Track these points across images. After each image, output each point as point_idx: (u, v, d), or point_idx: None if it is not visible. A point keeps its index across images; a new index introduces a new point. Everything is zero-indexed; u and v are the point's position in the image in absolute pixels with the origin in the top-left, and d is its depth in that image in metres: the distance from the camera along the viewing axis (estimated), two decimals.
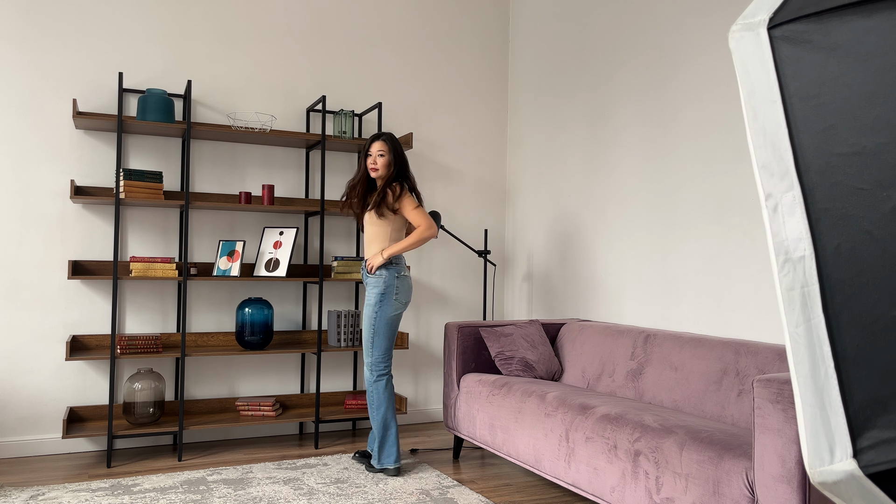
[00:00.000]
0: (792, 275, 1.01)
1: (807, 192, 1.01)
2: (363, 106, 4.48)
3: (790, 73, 1.03)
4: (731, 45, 1.09)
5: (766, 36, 1.05)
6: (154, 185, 3.63)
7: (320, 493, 3.11)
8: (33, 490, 3.10)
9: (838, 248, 0.98)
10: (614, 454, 2.59)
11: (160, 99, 3.69)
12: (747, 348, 2.81)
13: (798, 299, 1.01)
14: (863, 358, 0.96)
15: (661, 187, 3.59)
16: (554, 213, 4.41)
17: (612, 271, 3.91)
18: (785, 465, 1.99)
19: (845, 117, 0.99)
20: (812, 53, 1.02)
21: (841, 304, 0.98)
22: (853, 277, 0.97)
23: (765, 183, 1.05)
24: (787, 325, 1.02)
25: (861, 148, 0.97)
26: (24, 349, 3.68)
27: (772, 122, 1.05)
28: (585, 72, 4.17)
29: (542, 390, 3.13)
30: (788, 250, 1.02)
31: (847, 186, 0.98)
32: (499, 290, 4.89)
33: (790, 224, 1.02)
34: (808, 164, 1.01)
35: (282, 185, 4.24)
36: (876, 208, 0.96)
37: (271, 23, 4.24)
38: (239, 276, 3.82)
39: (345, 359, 4.41)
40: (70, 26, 3.79)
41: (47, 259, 3.73)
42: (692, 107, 3.41)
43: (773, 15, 1.05)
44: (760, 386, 2.07)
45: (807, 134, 1.02)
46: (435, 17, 4.71)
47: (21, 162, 3.69)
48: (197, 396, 4.03)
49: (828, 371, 0.98)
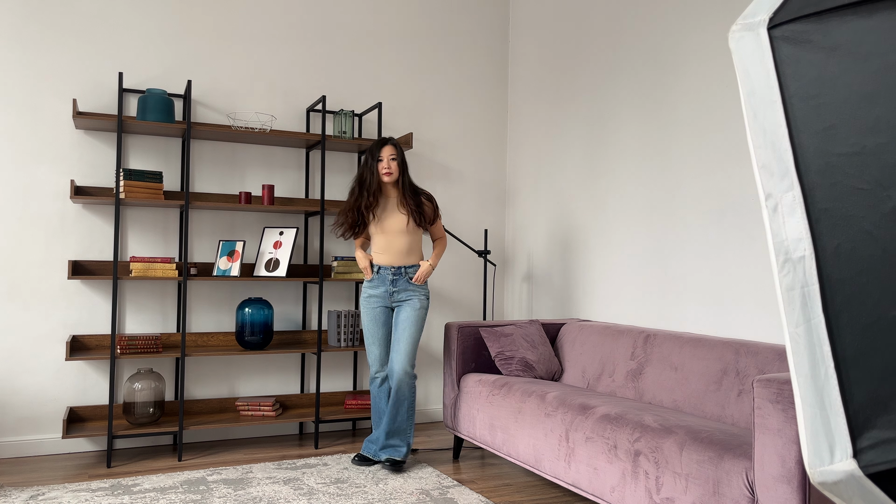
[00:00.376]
0: (792, 275, 1.01)
1: (807, 192, 1.01)
2: (363, 106, 4.48)
3: (790, 73, 1.03)
4: (731, 45, 1.10)
5: (766, 36, 1.05)
6: (154, 185, 3.63)
7: (320, 493, 3.11)
8: (33, 490, 3.10)
9: (838, 248, 0.98)
10: (614, 454, 2.59)
11: (160, 99, 3.69)
12: (747, 348, 2.81)
13: (798, 299, 1.01)
14: (863, 358, 0.96)
15: (660, 187, 3.59)
16: (554, 213, 4.41)
17: (612, 271, 3.91)
18: (785, 465, 1.99)
19: (845, 117, 0.99)
20: (812, 53, 1.02)
21: (841, 304, 0.98)
22: (853, 277, 0.97)
23: (765, 183, 1.05)
24: (787, 325, 1.02)
25: (861, 148, 0.97)
26: (24, 349, 3.68)
27: (772, 122, 1.05)
28: (585, 72, 4.17)
29: (542, 390, 3.13)
30: (788, 250, 1.02)
31: (847, 186, 0.98)
32: (499, 290, 4.89)
33: (790, 224, 1.02)
34: (808, 164, 1.01)
35: (282, 185, 4.24)
36: (876, 208, 0.96)
37: (271, 23, 4.24)
38: (239, 276, 3.82)
39: (345, 359, 4.41)
40: (70, 26, 3.79)
41: (47, 259, 3.73)
42: (692, 107, 3.41)
43: (773, 15, 1.05)
44: (760, 386, 2.07)
45: (807, 134, 1.02)
46: (435, 18, 4.71)
47: (21, 162, 3.69)
48: (197, 396, 4.03)
49: (828, 371, 0.98)
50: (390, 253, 3.47)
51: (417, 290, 3.48)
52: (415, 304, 3.46)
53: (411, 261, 3.50)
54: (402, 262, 3.48)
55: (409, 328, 3.43)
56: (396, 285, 3.47)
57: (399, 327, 3.45)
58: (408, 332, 3.43)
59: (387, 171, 3.41)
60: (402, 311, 3.47)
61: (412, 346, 3.43)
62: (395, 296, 3.48)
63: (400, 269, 3.47)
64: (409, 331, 3.43)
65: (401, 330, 3.45)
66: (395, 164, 3.43)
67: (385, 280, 3.48)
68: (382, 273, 3.48)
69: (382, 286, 3.48)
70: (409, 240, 3.48)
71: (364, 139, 4.14)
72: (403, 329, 3.44)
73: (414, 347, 3.44)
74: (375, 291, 3.50)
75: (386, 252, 3.48)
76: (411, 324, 3.44)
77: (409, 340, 3.43)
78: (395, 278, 3.47)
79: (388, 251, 3.47)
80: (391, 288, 3.47)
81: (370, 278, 3.51)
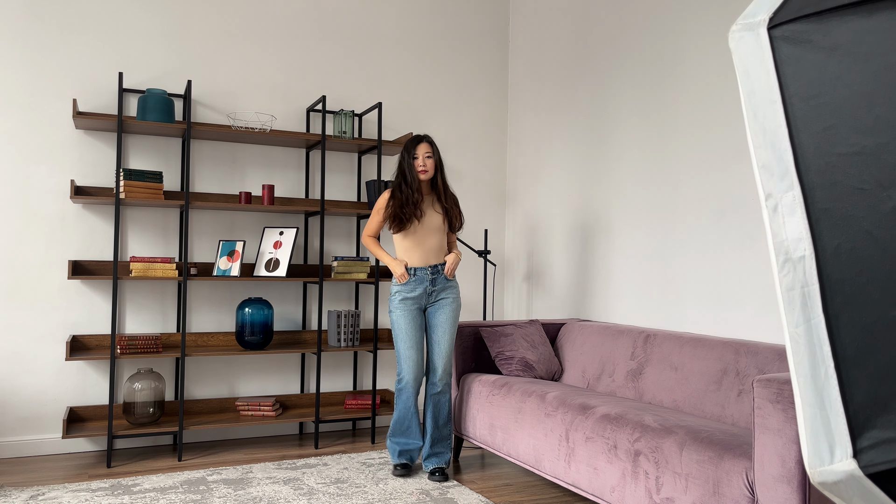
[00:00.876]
0: (792, 275, 1.01)
1: (807, 192, 1.01)
2: (363, 106, 4.48)
3: (790, 73, 1.03)
4: (731, 44, 1.09)
5: (766, 36, 1.05)
6: (154, 185, 3.63)
7: (320, 493, 3.11)
8: (33, 490, 3.10)
9: (838, 248, 0.98)
10: (614, 454, 2.59)
11: (160, 99, 3.69)
12: (747, 348, 2.81)
13: (798, 299, 1.01)
14: (863, 358, 0.96)
15: (661, 187, 3.59)
16: (554, 212, 4.40)
17: (612, 271, 3.91)
18: (785, 465, 1.99)
19: (845, 117, 0.99)
20: (812, 53, 1.02)
21: (841, 304, 0.98)
22: (853, 277, 0.97)
23: (765, 183, 1.05)
24: (787, 325, 1.02)
25: (861, 148, 0.97)
26: (24, 349, 3.68)
27: (772, 121, 1.05)
28: (585, 72, 4.17)
29: (542, 390, 3.13)
30: (788, 250, 1.02)
31: (847, 186, 0.98)
32: (499, 290, 4.89)
33: (790, 224, 1.02)
34: (808, 164, 1.01)
35: (282, 185, 4.24)
36: (876, 208, 0.96)
37: (271, 23, 4.24)
38: (239, 276, 3.82)
39: (345, 359, 4.41)
40: (70, 26, 3.79)
41: (47, 259, 3.73)
42: (692, 107, 3.41)
43: (773, 15, 1.05)
44: (760, 386, 2.07)
45: (807, 134, 1.02)
46: (435, 17, 4.71)
47: (21, 162, 3.69)
48: (197, 396, 4.03)
49: (828, 371, 0.98)
50: (424, 251, 3.40)
51: (454, 288, 3.45)
52: (453, 304, 3.42)
53: (442, 259, 3.45)
54: (437, 261, 3.43)
55: (450, 329, 3.40)
56: (436, 284, 3.40)
57: (439, 329, 3.39)
58: (449, 332, 3.40)
59: (422, 168, 3.36)
60: (441, 312, 3.40)
61: (453, 347, 3.44)
62: (434, 296, 3.41)
63: (436, 267, 3.41)
64: (450, 331, 3.40)
65: (440, 332, 3.39)
66: (430, 161, 3.38)
67: (423, 280, 3.38)
68: (419, 274, 3.37)
69: (420, 287, 3.38)
70: (441, 238, 3.44)
71: (364, 139, 4.14)
72: (444, 330, 3.39)
73: (452, 350, 3.46)
74: (413, 294, 3.37)
75: (418, 251, 3.39)
76: (452, 324, 3.41)
77: (451, 342, 3.41)
78: (434, 277, 3.39)
79: (421, 250, 3.39)
80: (430, 288, 3.39)
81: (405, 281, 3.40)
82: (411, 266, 3.39)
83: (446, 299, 3.42)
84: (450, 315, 3.40)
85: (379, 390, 4.32)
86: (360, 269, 4.09)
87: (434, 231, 3.41)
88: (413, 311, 3.37)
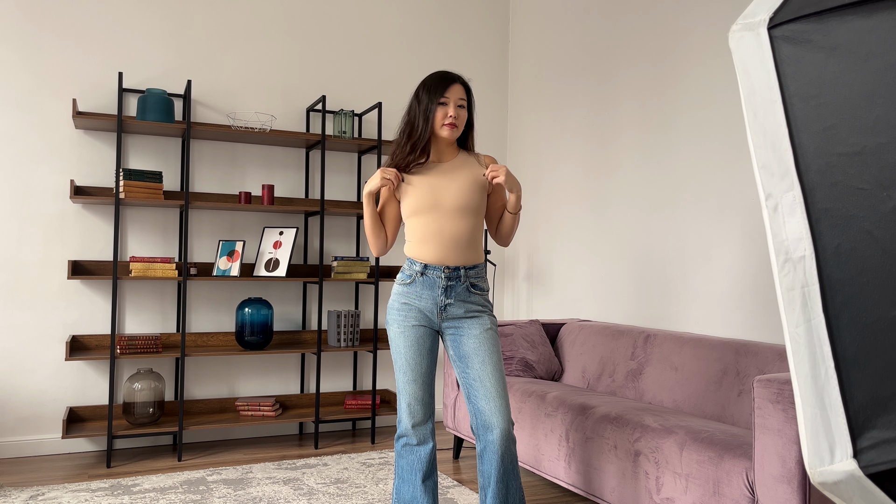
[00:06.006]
0: (792, 275, 1.01)
1: (807, 192, 1.01)
2: (363, 106, 4.48)
3: (790, 73, 1.03)
4: (732, 44, 1.09)
5: (766, 36, 1.05)
6: (154, 185, 3.63)
7: (320, 493, 3.11)
8: (33, 490, 3.10)
9: (838, 248, 0.98)
10: (614, 454, 2.59)
11: (160, 99, 3.69)
12: (747, 348, 2.81)
13: (798, 299, 1.01)
14: (863, 358, 0.96)
15: (661, 187, 3.59)
16: (554, 212, 4.41)
17: (612, 271, 3.91)
18: (785, 465, 1.99)
19: (845, 117, 0.99)
20: (812, 53, 1.02)
21: (841, 304, 0.98)
22: (853, 277, 0.97)
23: (765, 183, 1.05)
24: (788, 325, 1.02)
25: (861, 148, 0.97)
26: (24, 349, 3.68)
27: (772, 121, 1.05)
28: (585, 72, 4.17)
29: (542, 390, 3.13)
30: (788, 250, 1.02)
31: (847, 186, 0.98)
32: (499, 290, 4.89)
33: (790, 224, 1.02)
34: (808, 164, 1.01)
35: (282, 185, 4.24)
36: (876, 208, 0.96)
37: (271, 23, 4.24)
38: (239, 276, 3.82)
39: (345, 359, 4.41)
40: (70, 26, 3.79)
41: (47, 259, 3.73)
42: (692, 106, 3.41)
43: (773, 15, 1.04)
44: (760, 386, 2.07)
45: (807, 134, 1.02)
46: (435, 17, 4.71)
47: (21, 162, 3.69)
48: (197, 396, 4.03)
49: (828, 371, 0.98)
50: (441, 244, 2.27)
51: (483, 303, 2.31)
52: (485, 322, 2.28)
53: (472, 259, 2.31)
54: (459, 262, 2.28)
55: (495, 359, 2.26)
56: (450, 294, 2.27)
57: (476, 360, 2.24)
58: (490, 362, 2.24)
59: (451, 120, 2.25)
60: (472, 336, 2.26)
61: (505, 385, 2.26)
62: (449, 310, 2.27)
63: (457, 270, 2.27)
64: (497, 363, 2.26)
65: (479, 364, 2.24)
66: (463, 113, 2.28)
67: (434, 285, 2.26)
68: (430, 275, 2.26)
69: (429, 294, 2.27)
70: (472, 226, 2.30)
71: (364, 139, 4.14)
72: (484, 362, 2.24)
73: (506, 386, 2.27)
74: (417, 301, 2.28)
75: (433, 242, 2.28)
76: (495, 352, 2.26)
77: (502, 379, 2.25)
78: (451, 284, 2.27)
79: (439, 241, 2.27)
80: (442, 298, 2.26)
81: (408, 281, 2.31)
82: (419, 262, 2.28)
83: (475, 319, 2.28)
84: (487, 339, 2.26)
85: (379, 390, 4.32)
86: (359, 269, 4.08)
87: (460, 213, 2.27)
88: (418, 329, 2.27)
